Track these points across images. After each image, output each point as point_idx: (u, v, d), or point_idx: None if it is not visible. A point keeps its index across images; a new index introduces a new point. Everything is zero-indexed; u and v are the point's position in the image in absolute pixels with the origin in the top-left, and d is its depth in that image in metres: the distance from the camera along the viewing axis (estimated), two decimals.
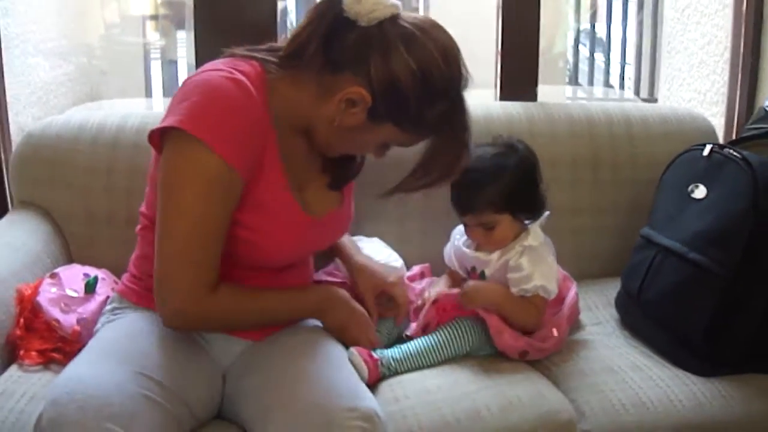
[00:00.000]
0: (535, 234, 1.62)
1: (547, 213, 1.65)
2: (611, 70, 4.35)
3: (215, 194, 1.27)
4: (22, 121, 2.35)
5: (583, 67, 4.62)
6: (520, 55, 2.19)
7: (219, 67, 1.32)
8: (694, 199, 1.66)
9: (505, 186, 1.58)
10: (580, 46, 4.63)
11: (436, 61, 1.30)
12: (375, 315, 1.58)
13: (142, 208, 1.46)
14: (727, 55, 2.55)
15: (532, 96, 2.17)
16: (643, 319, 1.70)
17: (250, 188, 1.33)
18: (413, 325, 1.62)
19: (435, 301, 1.60)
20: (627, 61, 4.21)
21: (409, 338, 1.59)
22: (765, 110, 1.83)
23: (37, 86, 2.57)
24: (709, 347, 1.56)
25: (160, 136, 1.30)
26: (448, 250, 1.75)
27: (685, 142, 1.97)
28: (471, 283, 1.62)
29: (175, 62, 3.72)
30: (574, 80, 4.51)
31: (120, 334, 1.35)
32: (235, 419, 1.37)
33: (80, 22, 3.28)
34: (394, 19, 1.31)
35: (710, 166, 1.67)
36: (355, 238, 1.78)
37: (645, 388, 1.50)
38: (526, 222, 1.64)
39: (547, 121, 2.00)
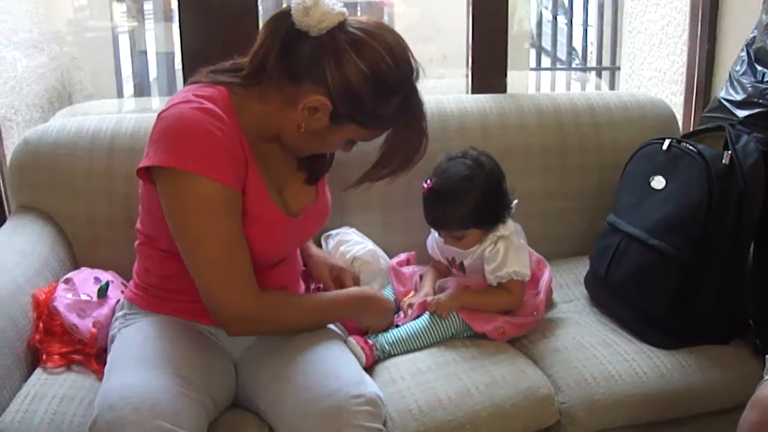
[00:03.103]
0: (506, 224, 1.72)
1: (515, 202, 1.74)
2: (573, 33, 4.34)
3: (222, 213, 1.36)
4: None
5: (547, 29, 4.64)
6: (490, 48, 2.24)
7: (188, 98, 1.38)
8: (655, 189, 1.76)
9: (470, 208, 1.66)
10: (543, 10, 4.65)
11: (385, 60, 1.36)
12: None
13: (138, 226, 1.55)
14: (686, 37, 2.62)
15: (501, 87, 2.24)
16: (610, 298, 1.82)
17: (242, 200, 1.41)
18: (401, 314, 1.74)
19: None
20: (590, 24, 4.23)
21: (398, 325, 1.71)
22: (719, 100, 1.91)
23: (10, 76, 2.58)
24: (670, 323, 1.69)
25: (146, 170, 1.37)
26: (431, 242, 1.86)
27: (646, 128, 2.10)
28: (434, 299, 1.71)
29: (145, 52, 3.66)
30: (537, 45, 4.53)
31: (140, 339, 1.44)
32: (249, 407, 1.48)
33: (48, 8, 3.26)
34: (342, 25, 1.37)
35: (669, 159, 1.76)
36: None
37: (614, 363, 1.62)
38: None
39: (517, 113, 2.08)
